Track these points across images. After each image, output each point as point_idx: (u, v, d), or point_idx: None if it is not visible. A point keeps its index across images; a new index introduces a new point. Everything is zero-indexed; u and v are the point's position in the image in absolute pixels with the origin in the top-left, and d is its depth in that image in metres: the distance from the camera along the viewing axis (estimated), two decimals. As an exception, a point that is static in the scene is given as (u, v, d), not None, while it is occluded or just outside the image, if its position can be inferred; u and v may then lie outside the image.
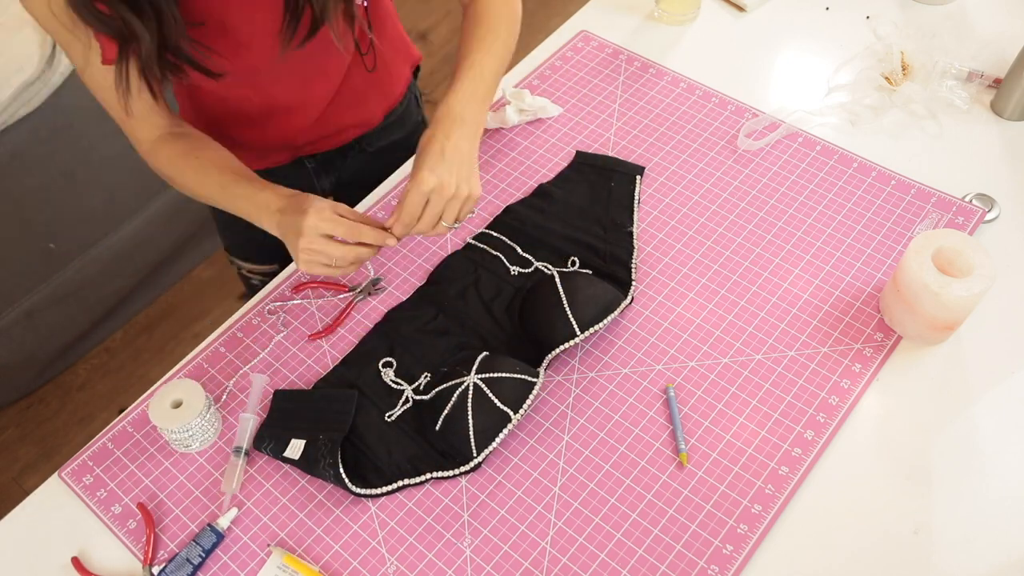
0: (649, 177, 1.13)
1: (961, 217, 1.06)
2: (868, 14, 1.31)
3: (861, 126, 1.17)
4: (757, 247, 1.05)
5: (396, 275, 1.06)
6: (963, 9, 1.31)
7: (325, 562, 0.85)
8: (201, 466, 0.93)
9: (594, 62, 1.28)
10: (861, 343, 0.96)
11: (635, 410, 0.93)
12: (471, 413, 0.88)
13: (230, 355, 1.01)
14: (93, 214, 1.85)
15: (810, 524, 0.85)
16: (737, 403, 0.93)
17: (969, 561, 0.82)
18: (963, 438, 0.90)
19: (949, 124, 1.17)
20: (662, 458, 0.90)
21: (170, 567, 0.84)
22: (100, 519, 0.90)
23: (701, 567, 0.82)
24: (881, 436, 0.90)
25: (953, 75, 1.20)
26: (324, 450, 0.88)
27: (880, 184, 1.10)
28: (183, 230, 2.07)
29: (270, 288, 1.07)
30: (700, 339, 0.98)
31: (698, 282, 1.03)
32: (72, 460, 0.94)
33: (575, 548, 0.84)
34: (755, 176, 1.12)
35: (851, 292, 1.00)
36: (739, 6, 1.34)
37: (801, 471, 0.87)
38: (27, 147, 1.65)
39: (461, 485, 0.89)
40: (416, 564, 0.85)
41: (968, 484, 0.87)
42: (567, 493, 0.88)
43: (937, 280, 0.89)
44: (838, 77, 1.24)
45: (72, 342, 1.98)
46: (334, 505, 0.89)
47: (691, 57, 1.28)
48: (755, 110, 1.19)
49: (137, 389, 0.84)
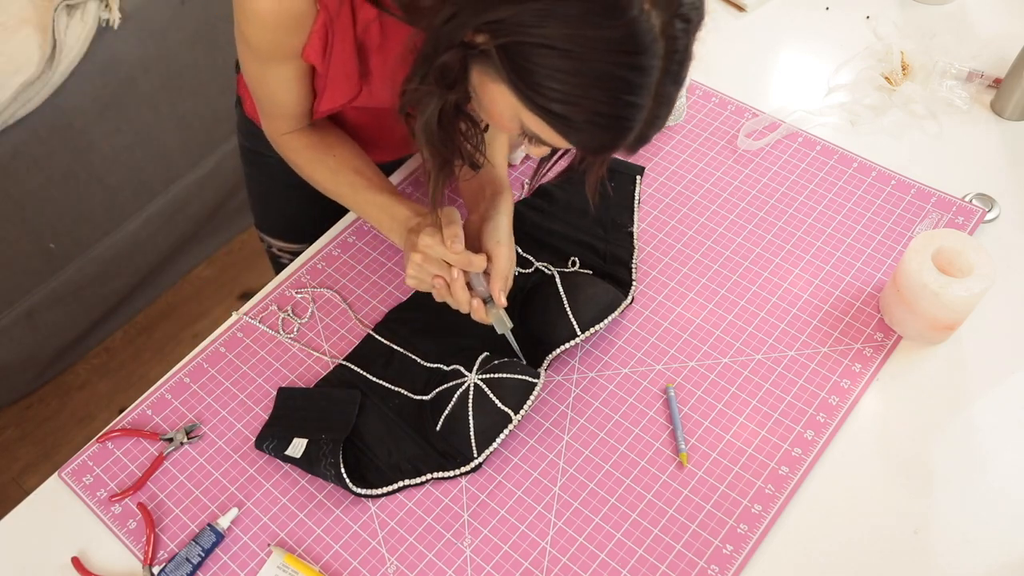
0: (649, 177, 1.13)
1: (961, 217, 1.06)
2: (868, 14, 1.31)
3: (861, 126, 1.17)
4: (757, 247, 1.05)
5: (396, 275, 1.06)
6: (963, 9, 1.31)
7: (325, 562, 0.85)
8: (201, 466, 0.93)
9: (594, 62, 1.28)
10: (861, 343, 0.96)
11: (635, 410, 0.93)
12: (472, 413, 0.88)
13: (230, 355, 1.01)
14: (93, 214, 1.85)
15: (810, 524, 0.85)
16: (737, 403, 0.93)
17: (969, 561, 0.82)
18: (963, 438, 0.90)
19: (949, 124, 1.17)
20: (662, 458, 0.90)
21: (170, 567, 0.84)
22: (100, 519, 0.90)
23: (701, 567, 0.82)
24: (881, 436, 0.90)
25: (953, 75, 1.20)
26: (326, 449, 0.88)
27: (880, 184, 1.10)
28: (183, 230, 2.07)
29: (270, 288, 1.07)
30: (700, 339, 0.98)
31: (698, 282, 1.03)
32: (72, 460, 0.94)
33: (575, 548, 0.84)
34: (755, 176, 1.12)
35: (851, 292, 1.00)
36: (739, 6, 1.34)
37: (801, 471, 0.87)
38: (27, 147, 1.64)
39: (461, 485, 0.89)
40: (416, 564, 0.85)
41: (968, 484, 0.87)
42: (567, 493, 0.88)
43: (937, 280, 0.89)
44: (838, 77, 1.24)
45: (72, 342, 1.98)
46: (334, 505, 0.89)
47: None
48: (755, 110, 1.19)
49: (137, 389, 0.84)
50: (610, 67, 0.65)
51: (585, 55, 0.64)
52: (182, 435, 0.94)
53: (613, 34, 0.64)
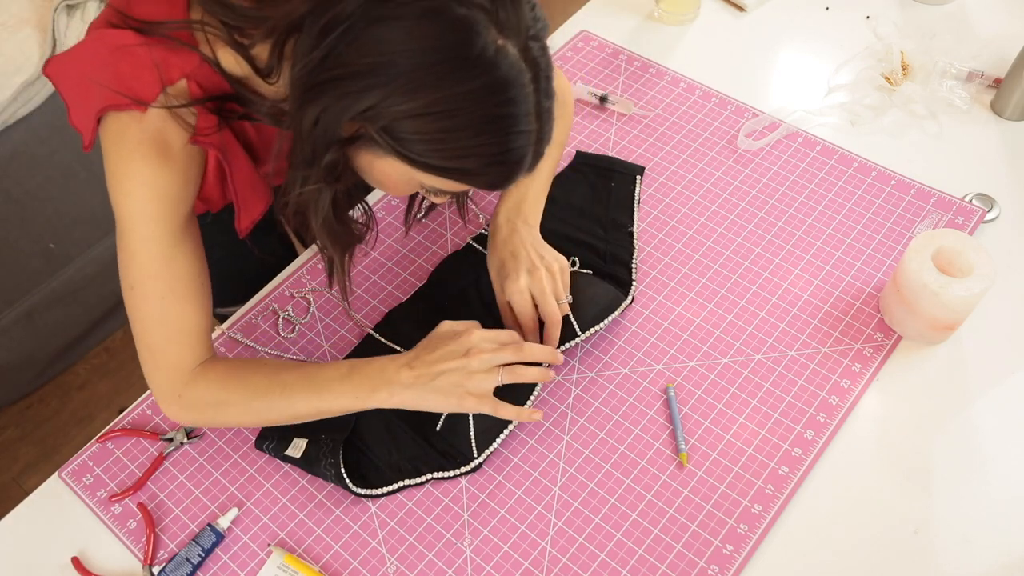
0: (649, 177, 1.13)
1: (961, 217, 1.06)
2: (868, 14, 1.31)
3: (861, 126, 1.17)
4: (757, 247, 1.05)
5: (396, 275, 1.06)
6: (963, 9, 1.31)
7: (325, 562, 0.85)
8: (201, 466, 0.93)
9: (594, 62, 1.28)
10: (861, 343, 0.96)
11: (635, 410, 0.93)
12: (472, 413, 0.88)
13: (230, 355, 1.01)
14: (93, 214, 1.84)
15: (810, 524, 0.85)
16: (737, 403, 0.93)
17: (969, 561, 0.82)
18: (963, 438, 0.90)
19: (949, 124, 1.17)
20: (662, 458, 0.90)
21: (170, 567, 0.84)
22: (100, 519, 0.90)
23: (701, 567, 0.82)
24: (881, 436, 0.90)
25: (953, 75, 1.20)
26: (326, 449, 0.88)
27: (880, 184, 1.10)
28: (183, 230, 2.07)
29: (270, 288, 1.07)
30: (700, 339, 0.98)
31: (698, 282, 1.03)
32: (72, 460, 0.94)
33: (575, 548, 0.84)
34: (755, 176, 1.12)
35: (851, 292, 1.00)
36: (739, 6, 1.34)
37: (801, 471, 0.87)
38: (27, 147, 1.64)
39: (461, 485, 0.89)
40: (416, 564, 0.85)
41: (968, 484, 0.87)
42: (567, 493, 0.88)
43: (937, 280, 0.89)
44: (838, 77, 1.24)
45: (72, 342, 1.98)
46: (334, 505, 0.89)
47: (691, 57, 1.28)
48: (755, 110, 1.19)
49: (137, 389, 0.84)
50: (489, 111, 0.67)
51: (462, 110, 0.66)
52: (182, 435, 0.94)
53: (480, 82, 0.65)
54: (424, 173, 0.71)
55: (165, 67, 0.73)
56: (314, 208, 0.77)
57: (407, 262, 1.08)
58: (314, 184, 0.74)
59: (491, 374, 0.84)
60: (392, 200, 1.14)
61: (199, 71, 0.75)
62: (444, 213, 1.11)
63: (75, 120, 0.77)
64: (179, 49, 0.74)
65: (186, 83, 0.75)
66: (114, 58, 0.74)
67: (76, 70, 0.77)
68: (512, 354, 0.84)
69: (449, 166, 0.69)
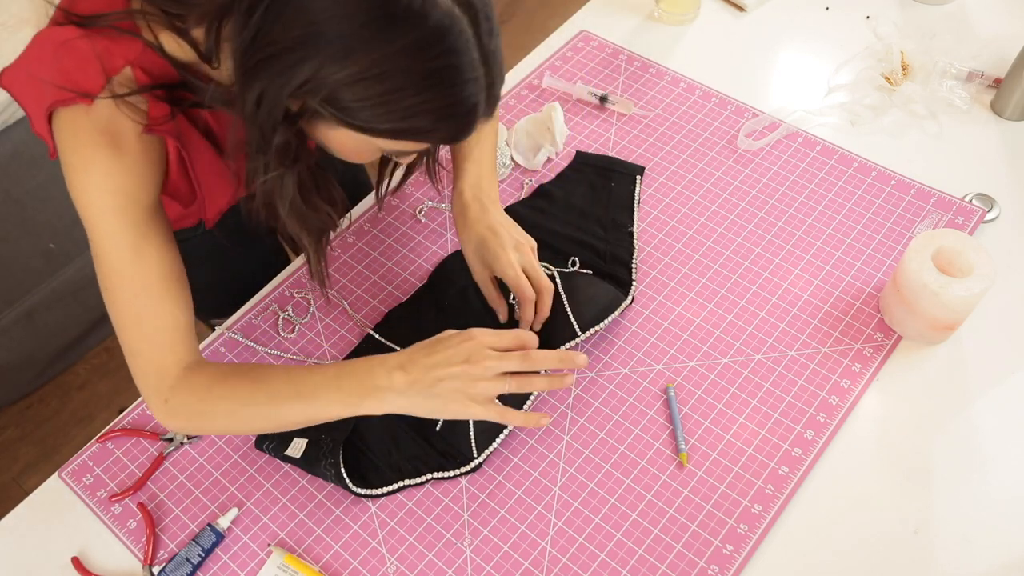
0: (649, 177, 1.13)
1: (961, 217, 1.06)
2: (868, 14, 1.31)
3: (861, 126, 1.17)
4: (757, 247, 1.05)
5: (396, 275, 1.06)
6: (963, 9, 1.31)
7: (325, 562, 0.85)
8: (201, 466, 0.93)
9: (594, 62, 1.28)
10: (861, 343, 0.96)
11: (635, 410, 0.93)
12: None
13: (230, 355, 1.01)
14: (93, 214, 1.85)
15: (810, 524, 0.85)
16: (737, 403, 0.93)
17: (969, 561, 0.82)
18: (963, 438, 0.90)
19: (949, 124, 1.17)
20: (662, 458, 0.90)
21: (170, 567, 0.84)
22: (100, 519, 0.90)
23: (701, 567, 0.82)
24: (881, 436, 0.90)
25: (953, 75, 1.20)
26: (326, 449, 0.88)
27: (880, 184, 1.10)
28: (183, 230, 2.07)
29: (270, 288, 1.07)
30: (700, 339, 0.98)
31: (698, 282, 1.03)
32: (72, 460, 0.94)
33: (575, 548, 0.84)
34: (755, 176, 1.12)
35: (851, 292, 1.00)
36: (739, 6, 1.34)
37: (801, 471, 0.87)
38: (27, 147, 1.64)
39: (461, 485, 0.89)
40: (416, 564, 0.85)
41: (968, 484, 0.87)
42: (567, 493, 0.88)
43: (937, 280, 0.89)
44: (838, 77, 1.24)
45: (72, 342, 1.98)
46: (334, 505, 0.89)
47: (691, 57, 1.28)
48: (755, 110, 1.19)
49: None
50: (427, 65, 0.64)
51: (399, 69, 0.64)
52: (182, 435, 0.94)
53: (412, 37, 0.63)
54: (379, 138, 0.70)
55: (107, 57, 0.72)
56: (279, 194, 0.77)
57: (407, 262, 1.08)
58: (274, 171, 0.74)
59: (496, 382, 0.79)
60: (391, 200, 1.14)
61: (143, 58, 0.74)
62: (444, 214, 1.11)
63: (37, 128, 0.76)
64: (120, 37, 0.73)
65: (131, 71, 0.73)
66: (58, 55, 0.73)
67: (26, 73, 0.76)
68: (518, 362, 0.80)
69: (400, 127, 0.68)
